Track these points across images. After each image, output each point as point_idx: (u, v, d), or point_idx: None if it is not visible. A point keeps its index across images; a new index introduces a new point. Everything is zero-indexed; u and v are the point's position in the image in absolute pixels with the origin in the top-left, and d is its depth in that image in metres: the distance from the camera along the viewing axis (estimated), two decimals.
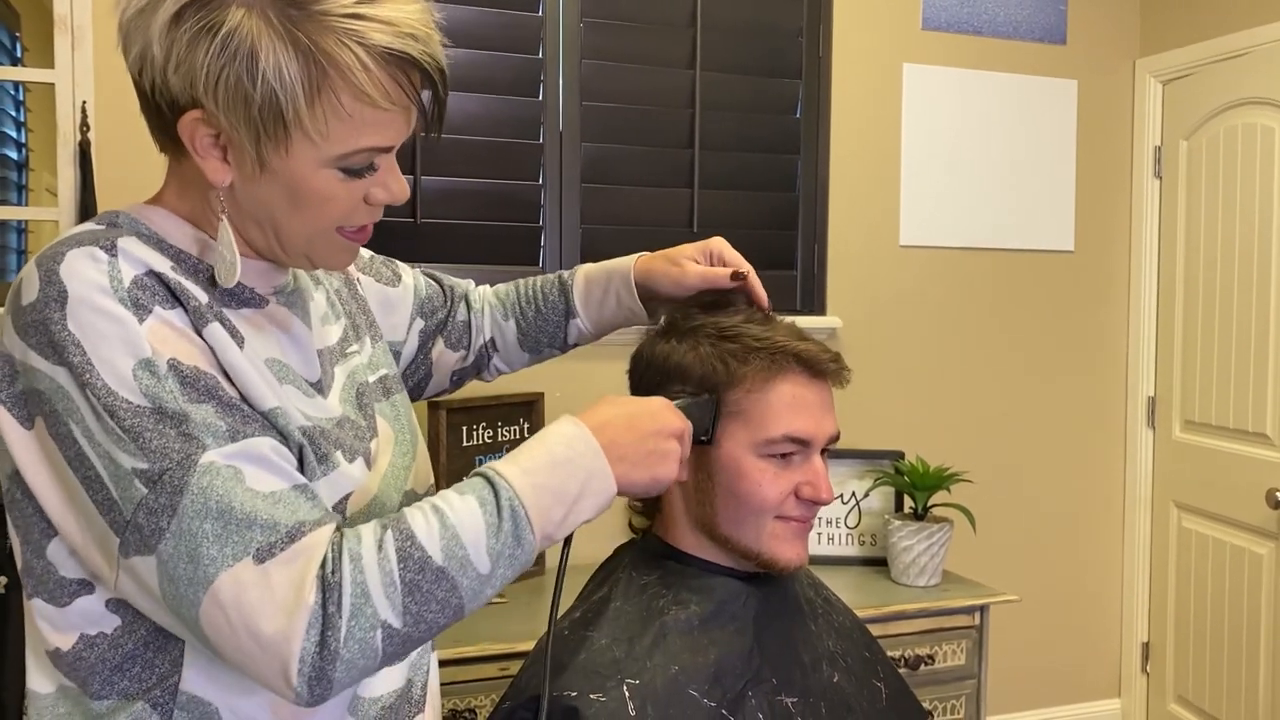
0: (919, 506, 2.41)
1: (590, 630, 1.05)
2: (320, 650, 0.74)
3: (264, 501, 0.75)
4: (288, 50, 0.76)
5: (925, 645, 2.28)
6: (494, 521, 0.80)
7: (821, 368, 1.06)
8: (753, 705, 1.02)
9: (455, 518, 0.79)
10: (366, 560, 0.76)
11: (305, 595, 0.74)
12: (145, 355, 0.75)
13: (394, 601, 0.76)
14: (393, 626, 0.76)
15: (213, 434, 0.76)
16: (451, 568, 0.78)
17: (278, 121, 0.77)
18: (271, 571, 0.74)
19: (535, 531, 0.81)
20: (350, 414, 0.94)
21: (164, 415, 0.74)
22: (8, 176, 2.43)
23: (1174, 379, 3.00)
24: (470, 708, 1.95)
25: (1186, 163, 2.95)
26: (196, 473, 0.74)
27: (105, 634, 0.82)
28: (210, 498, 0.74)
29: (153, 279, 0.79)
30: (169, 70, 0.78)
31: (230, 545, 0.74)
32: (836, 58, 2.77)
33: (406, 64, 0.80)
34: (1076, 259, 3.05)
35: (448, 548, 0.78)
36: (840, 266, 2.80)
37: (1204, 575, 2.89)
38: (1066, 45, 3.00)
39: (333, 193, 0.82)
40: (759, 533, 1.06)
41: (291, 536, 0.75)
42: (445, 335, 1.22)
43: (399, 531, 0.78)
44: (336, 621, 0.74)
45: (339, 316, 1.02)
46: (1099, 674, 3.16)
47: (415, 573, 0.77)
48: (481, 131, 2.49)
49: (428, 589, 0.77)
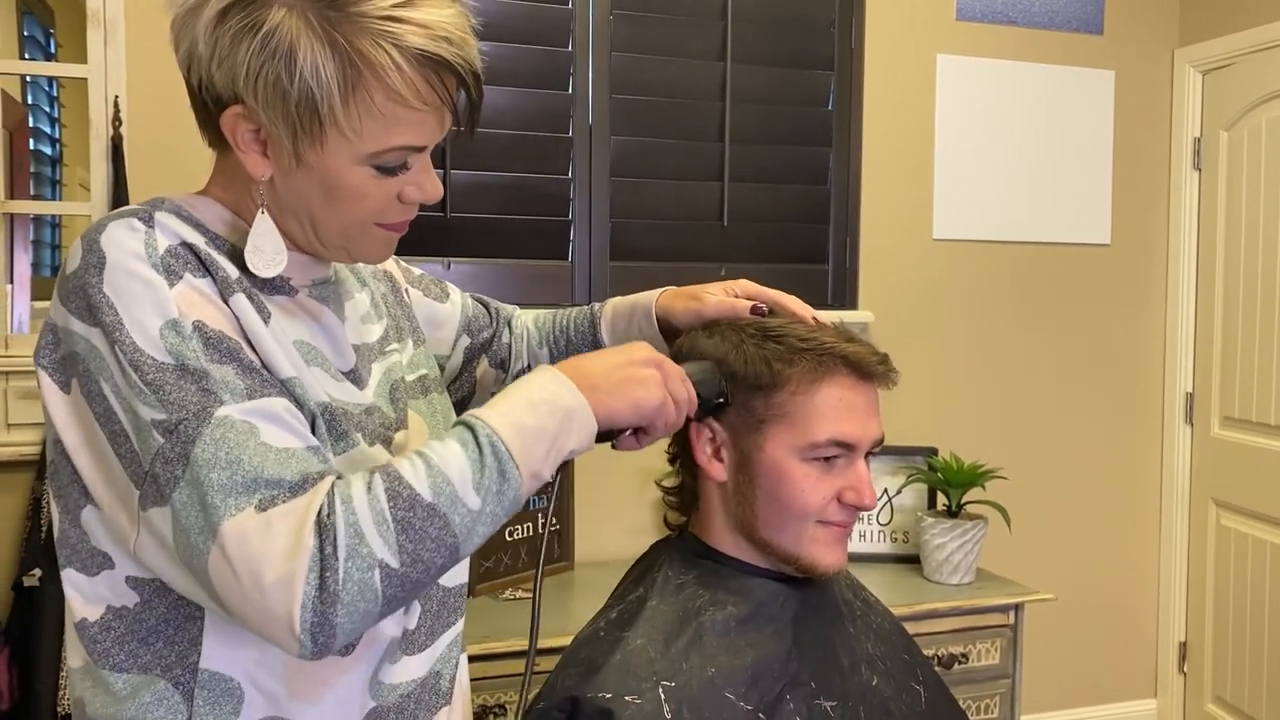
0: (952, 503, 2.38)
1: (626, 630, 1.04)
2: (320, 594, 0.75)
3: (274, 456, 0.78)
4: (325, 50, 0.79)
5: (959, 644, 2.26)
6: (476, 458, 0.81)
7: (869, 370, 1.03)
8: (790, 709, 1.00)
9: (439, 458, 0.81)
10: (357, 502, 0.77)
11: (305, 539, 0.75)
12: (172, 316, 0.79)
13: (388, 540, 0.77)
14: (390, 565, 0.77)
15: (231, 391, 0.78)
16: (441, 504, 0.79)
17: (313, 118, 0.80)
18: (274, 520, 0.76)
19: (519, 467, 0.83)
20: (382, 405, 0.96)
21: (185, 371, 0.77)
22: (42, 172, 2.44)
23: (1213, 374, 2.95)
24: (500, 703, 1.94)
25: (1227, 154, 2.90)
26: (211, 424, 0.77)
27: (128, 608, 0.85)
28: (221, 448, 0.76)
29: (186, 249, 0.82)
30: (213, 66, 0.81)
31: (235, 495, 0.76)
32: (869, 49, 2.74)
33: (440, 66, 0.82)
34: (1113, 252, 3.00)
35: (435, 485, 0.79)
36: (872, 260, 2.77)
37: (1243, 574, 2.84)
38: (1103, 35, 2.95)
39: (366, 190, 0.85)
40: (799, 537, 1.04)
41: (294, 490, 0.77)
42: (490, 355, 1.25)
43: (386, 474, 0.80)
44: (334, 563, 0.75)
45: (381, 317, 1.04)
46: (1135, 674, 3.12)
47: (406, 510, 0.78)
48: (511, 125, 2.48)
49: (420, 526, 0.78)
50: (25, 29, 2.37)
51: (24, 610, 2.02)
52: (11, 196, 2.16)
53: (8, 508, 2.12)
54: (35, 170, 2.40)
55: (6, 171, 2.15)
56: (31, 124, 2.40)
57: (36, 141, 2.41)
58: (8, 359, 2.10)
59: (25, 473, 2.10)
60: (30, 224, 2.33)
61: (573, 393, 0.87)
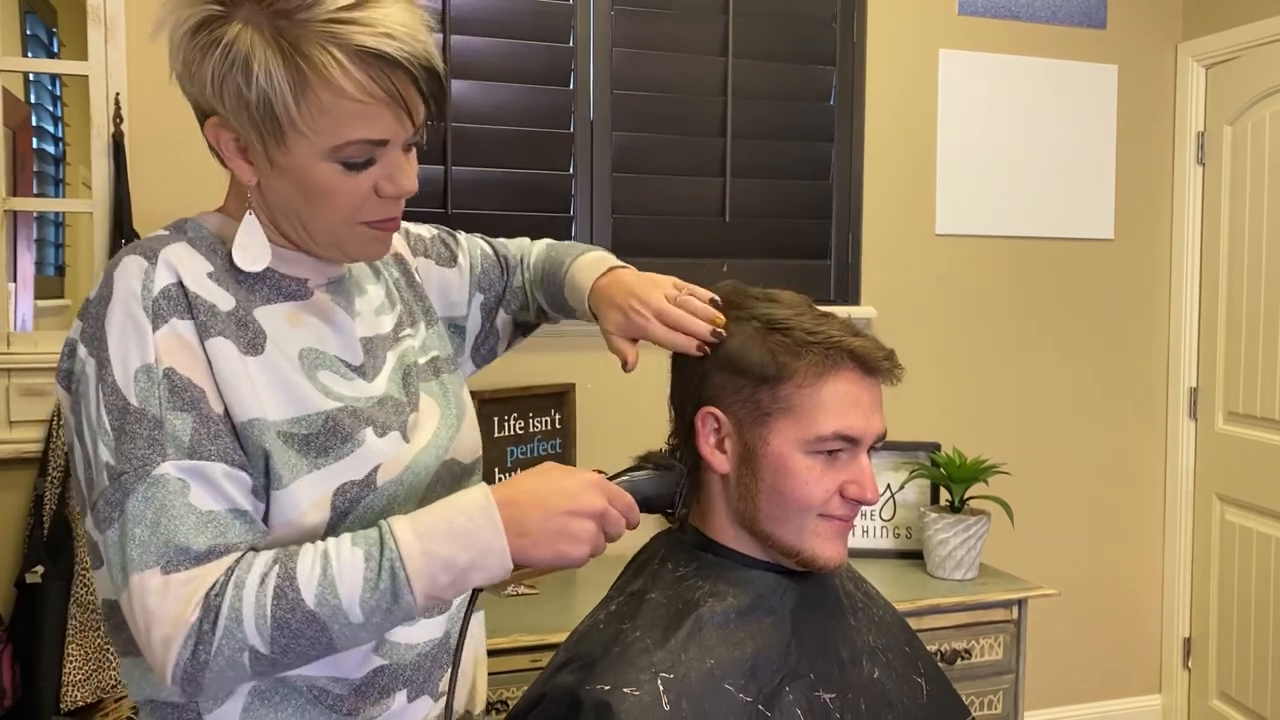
0: (955, 499, 2.38)
1: (625, 623, 1.04)
2: (193, 659, 0.83)
3: (195, 519, 0.85)
4: (275, 56, 0.86)
5: (962, 639, 2.25)
6: (373, 578, 0.85)
7: (875, 365, 1.03)
8: (790, 701, 1.00)
9: (337, 568, 0.85)
10: (247, 590, 0.84)
11: (188, 613, 0.83)
12: (149, 361, 0.87)
13: (263, 632, 0.83)
14: (260, 652, 0.84)
15: (175, 446, 0.86)
16: (323, 613, 0.84)
17: (272, 120, 0.87)
18: (172, 586, 0.83)
19: (415, 593, 0.86)
20: (394, 392, 1.01)
21: (143, 418, 0.86)
22: (45, 170, 2.44)
23: (1217, 370, 2.94)
24: (502, 699, 1.94)
25: (1230, 149, 2.89)
26: (147, 481, 0.85)
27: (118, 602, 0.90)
28: (150, 506, 0.84)
29: (178, 290, 0.89)
30: (188, 81, 0.90)
31: (149, 552, 0.84)
32: (871, 44, 2.73)
33: (383, 61, 0.87)
34: (1117, 247, 2.99)
35: (321, 595, 0.84)
36: (875, 256, 2.77)
37: (1247, 569, 2.84)
38: (1106, 29, 2.94)
39: (336, 185, 0.90)
40: (801, 530, 1.03)
41: (199, 560, 0.84)
42: (504, 304, 1.26)
43: (284, 570, 0.85)
44: (210, 638, 0.83)
45: (395, 305, 1.09)
46: (1139, 669, 3.11)
47: (287, 611, 0.83)
48: (512, 121, 2.48)
49: (296, 627, 0.84)
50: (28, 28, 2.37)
51: (26, 607, 2.02)
52: (14, 194, 2.16)
53: (10, 505, 2.12)
54: (38, 169, 2.40)
55: (9, 169, 2.16)
56: (35, 123, 2.40)
57: (40, 140, 2.41)
58: (10, 356, 2.10)
59: (27, 470, 2.10)
60: (33, 222, 2.33)
61: (497, 534, 0.88)
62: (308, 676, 0.94)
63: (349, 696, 0.96)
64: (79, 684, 1.97)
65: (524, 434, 2.34)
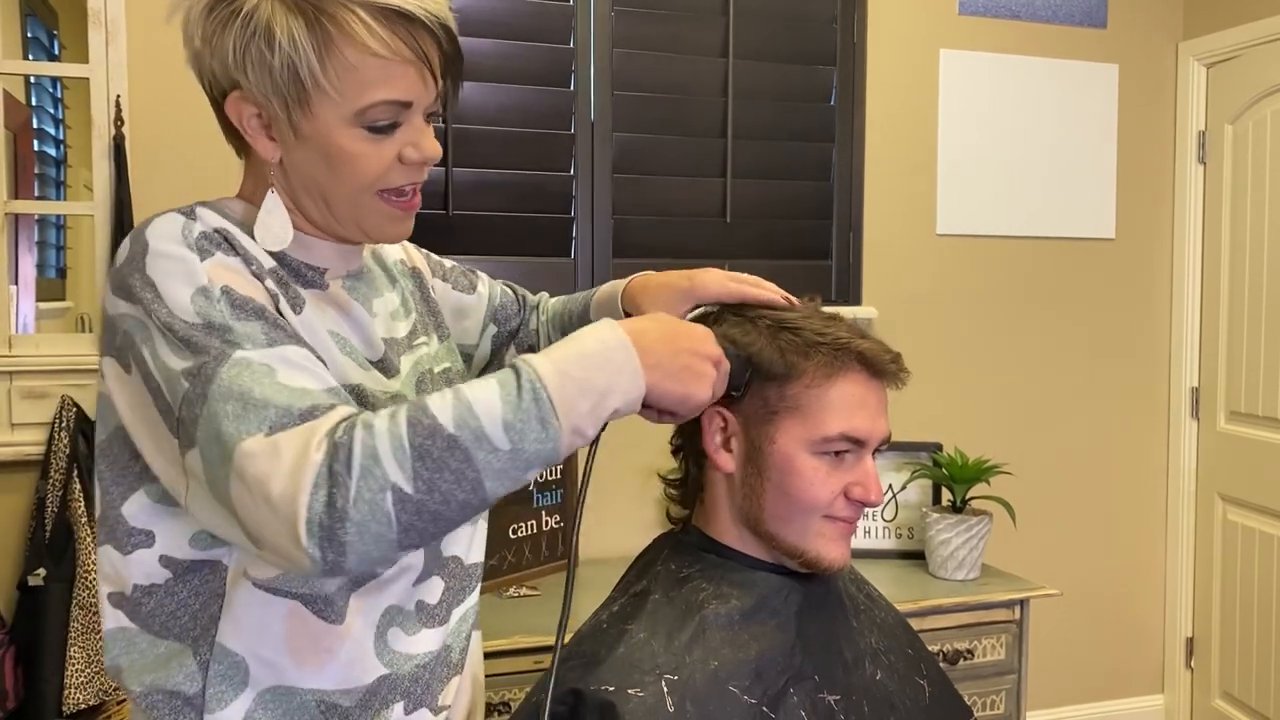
0: (957, 499, 2.38)
1: (629, 624, 1.04)
2: (328, 509, 0.75)
3: (288, 391, 0.80)
4: (297, 19, 0.86)
5: (964, 640, 2.25)
6: (512, 398, 0.80)
7: (882, 368, 1.04)
8: (794, 703, 1.00)
9: (471, 393, 0.80)
10: (378, 426, 0.78)
11: (310, 455, 0.76)
12: (202, 284, 0.84)
13: (403, 465, 0.77)
14: (403, 490, 0.76)
15: (252, 341, 0.82)
16: (464, 437, 0.78)
17: (297, 84, 0.87)
18: (280, 442, 0.77)
19: (560, 417, 0.81)
20: (409, 394, 1.00)
21: (212, 328, 0.82)
22: (46, 172, 2.45)
23: (1218, 369, 2.94)
24: (505, 700, 1.94)
25: (1231, 148, 2.89)
26: (228, 364, 0.81)
27: (158, 585, 0.91)
28: (235, 383, 0.80)
29: (219, 235, 0.89)
30: (209, 57, 0.89)
31: (245, 422, 0.78)
32: (871, 44, 2.73)
33: (405, 19, 0.88)
34: (1118, 247, 2.99)
35: (460, 417, 0.78)
36: (876, 256, 2.77)
37: (1250, 569, 2.83)
38: (1107, 29, 2.94)
39: (361, 150, 0.90)
40: (805, 531, 1.04)
41: (304, 417, 0.79)
42: (517, 343, 1.27)
43: (413, 403, 0.80)
44: (344, 480, 0.76)
45: (410, 313, 1.08)
46: (1142, 669, 3.11)
47: (425, 438, 0.77)
48: (512, 122, 2.48)
49: (439, 455, 0.77)
50: (29, 30, 2.37)
51: (28, 610, 2.03)
52: (16, 197, 2.17)
53: (12, 508, 2.12)
54: (39, 171, 2.41)
55: (11, 172, 2.16)
56: (36, 125, 2.41)
57: (41, 143, 2.42)
58: (11, 359, 2.10)
59: (29, 473, 2.10)
60: (35, 225, 2.33)
61: (630, 356, 0.85)
62: (320, 691, 0.93)
63: (354, 709, 0.95)
64: (81, 686, 1.97)
65: None
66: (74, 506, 2.04)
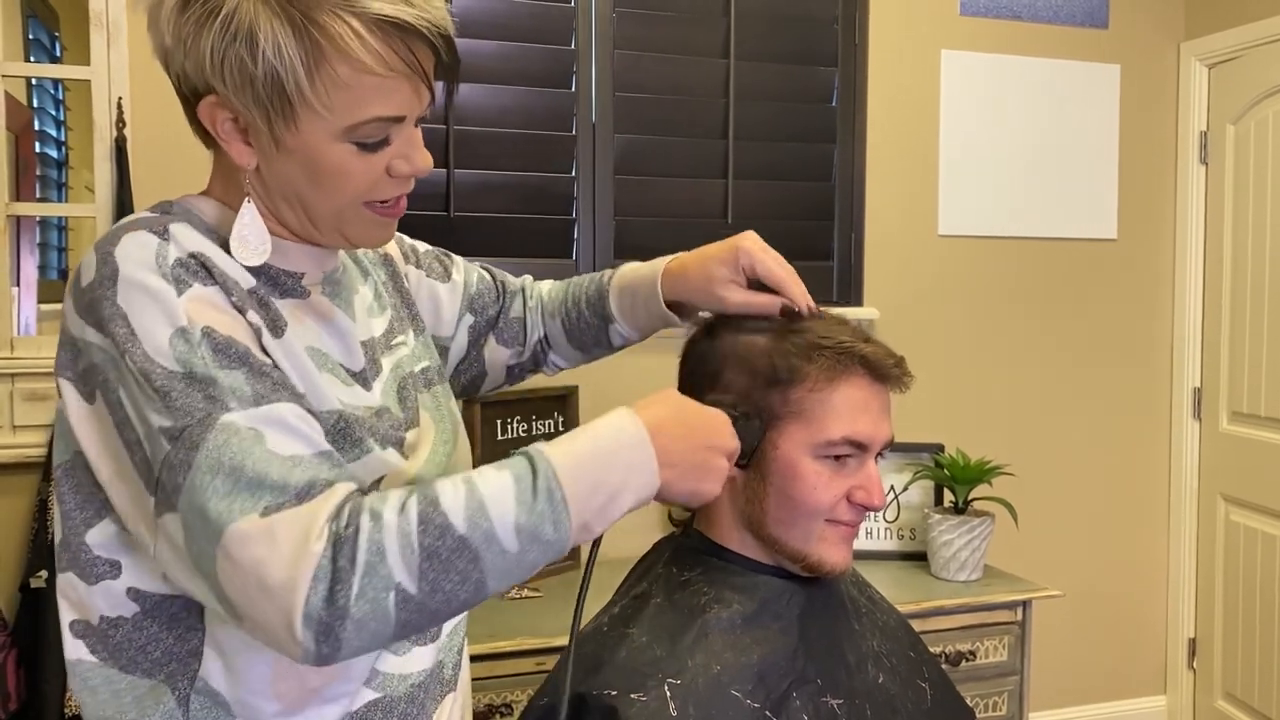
0: (959, 500, 2.38)
1: (630, 627, 1.04)
2: (328, 604, 0.73)
3: (280, 463, 0.76)
4: (284, 27, 0.78)
5: (966, 641, 2.25)
6: (527, 499, 0.78)
7: (885, 372, 1.04)
8: (797, 706, 1.00)
9: (485, 490, 0.78)
10: (387, 519, 0.75)
11: (311, 545, 0.73)
12: (181, 324, 0.78)
13: (410, 565, 0.75)
14: (407, 591, 0.75)
15: (238, 398, 0.77)
16: (474, 538, 0.76)
17: (282, 98, 0.79)
18: (276, 526, 0.74)
19: (572, 517, 0.79)
20: (390, 405, 0.95)
21: (193, 379, 0.77)
22: (48, 174, 2.45)
23: (1220, 369, 2.93)
24: (506, 702, 1.94)
25: (1234, 148, 2.88)
26: (214, 430, 0.75)
27: (125, 618, 0.85)
28: (224, 454, 0.75)
29: (195, 261, 0.81)
30: (181, 57, 0.81)
31: (238, 500, 0.74)
32: (873, 45, 2.73)
33: (402, 30, 0.80)
34: (1120, 247, 2.99)
35: (472, 518, 0.76)
36: (877, 257, 2.77)
37: (1252, 569, 2.83)
38: (1109, 29, 2.93)
39: (350, 167, 0.84)
40: (808, 535, 1.04)
41: (300, 497, 0.75)
42: (497, 332, 1.20)
43: (424, 496, 0.77)
44: (348, 577, 0.73)
45: (385, 308, 1.03)
46: (1144, 670, 3.11)
47: (435, 539, 0.75)
48: (514, 124, 2.48)
49: (447, 557, 0.75)
50: (30, 32, 2.37)
51: (31, 612, 2.03)
52: (17, 199, 2.17)
53: (14, 510, 2.12)
54: (41, 173, 2.40)
55: (12, 174, 2.16)
56: (37, 127, 2.41)
57: (42, 144, 2.41)
58: (13, 361, 2.10)
59: (31, 475, 2.10)
60: (36, 226, 2.33)
61: (648, 455, 0.83)
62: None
63: None
64: None
65: (527, 437, 2.34)
66: None
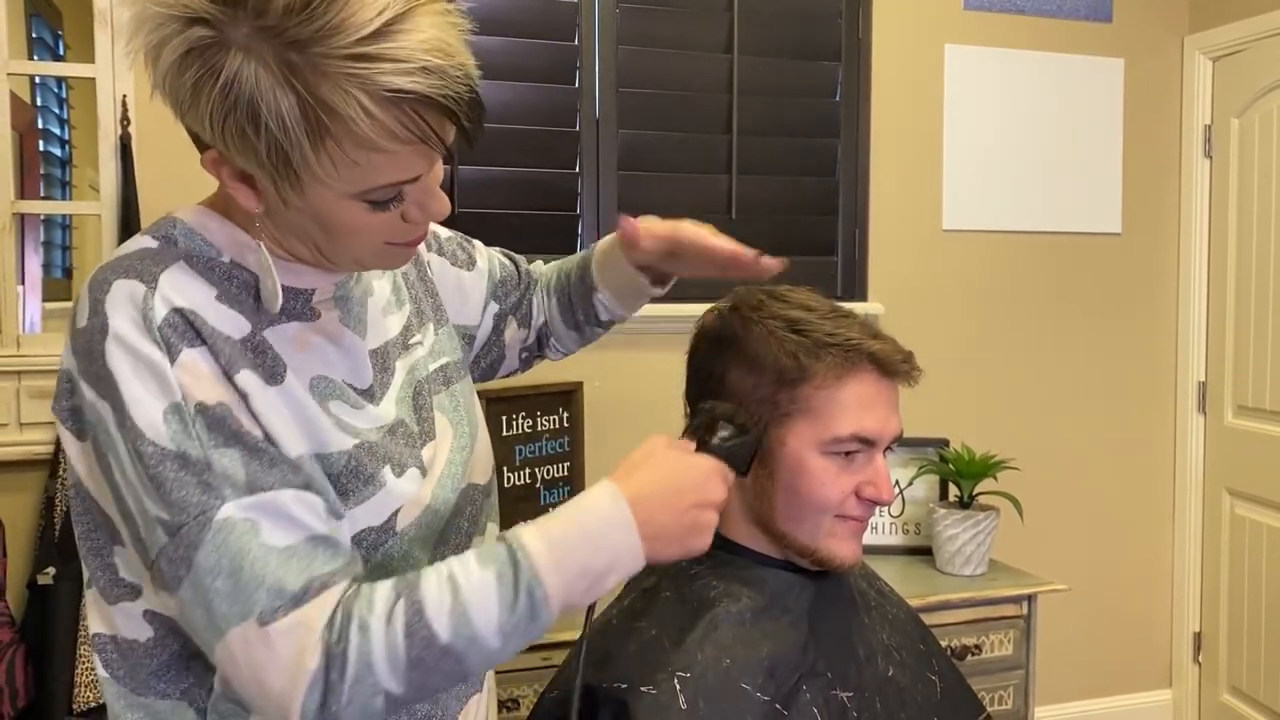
0: (964, 495, 2.38)
1: (639, 620, 1.04)
2: (321, 711, 0.77)
3: (276, 558, 0.78)
4: (288, 97, 0.72)
5: (972, 635, 2.25)
6: (509, 599, 0.80)
7: (894, 368, 1.04)
8: (807, 699, 1.00)
9: (468, 594, 0.79)
10: (374, 631, 0.78)
11: (306, 661, 0.77)
12: (175, 399, 0.77)
13: (397, 673, 0.78)
14: (394, 694, 0.79)
15: (232, 485, 0.78)
16: (458, 645, 0.79)
17: (287, 166, 0.75)
18: (273, 636, 0.77)
19: (552, 607, 0.81)
20: (405, 416, 0.94)
21: (187, 463, 0.77)
22: (51, 173, 2.45)
23: (1226, 363, 2.93)
24: (513, 697, 1.94)
25: (1238, 141, 2.88)
26: (211, 529, 0.77)
27: (139, 641, 0.86)
28: (224, 555, 0.77)
29: (182, 319, 0.79)
30: (181, 113, 0.78)
31: (239, 604, 0.77)
32: (876, 40, 2.73)
33: (417, 102, 0.74)
34: (1124, 241, 2.99)
35: (456, 627, 0.79)
36: (882, 252, 2.76)
37: (1258, 563, 2.83)
38: (1112, 23, 2.93)
39: (362, 222, 0.81)
40: (817, 531, 1.04)
41: (297, 600, 0.77)
42: (518, 316, 1.20)
43: (410, 604, 0.79)
44: (339, 687, 0.77)
45: (404, 303, 1.01)
46: (1150, 664, 3.11)
47: (421, 649, 0.78)
48: (517, 120, 2.48)
49: (432, 664, 0.79)
50: (33, 30, 2.37)
51: (39, 608, 2.03)
52: (22, 197, 2.17)
53: (21, 506, 2.13)
54: (45, 171, 2.41)
55: (17, 172, 2.16)
56: (41, 125, 2.41)
57: (46, 143, 2.42)
58: (20, 359, 2.10)
59: (38, 472, 2.11)
60: (40, 225, 2.33)
61: (631, 535, 0.83)
62: None
63: None
64: (91, 685, 1.98)
65: (532, 432, 2.34)
66: None
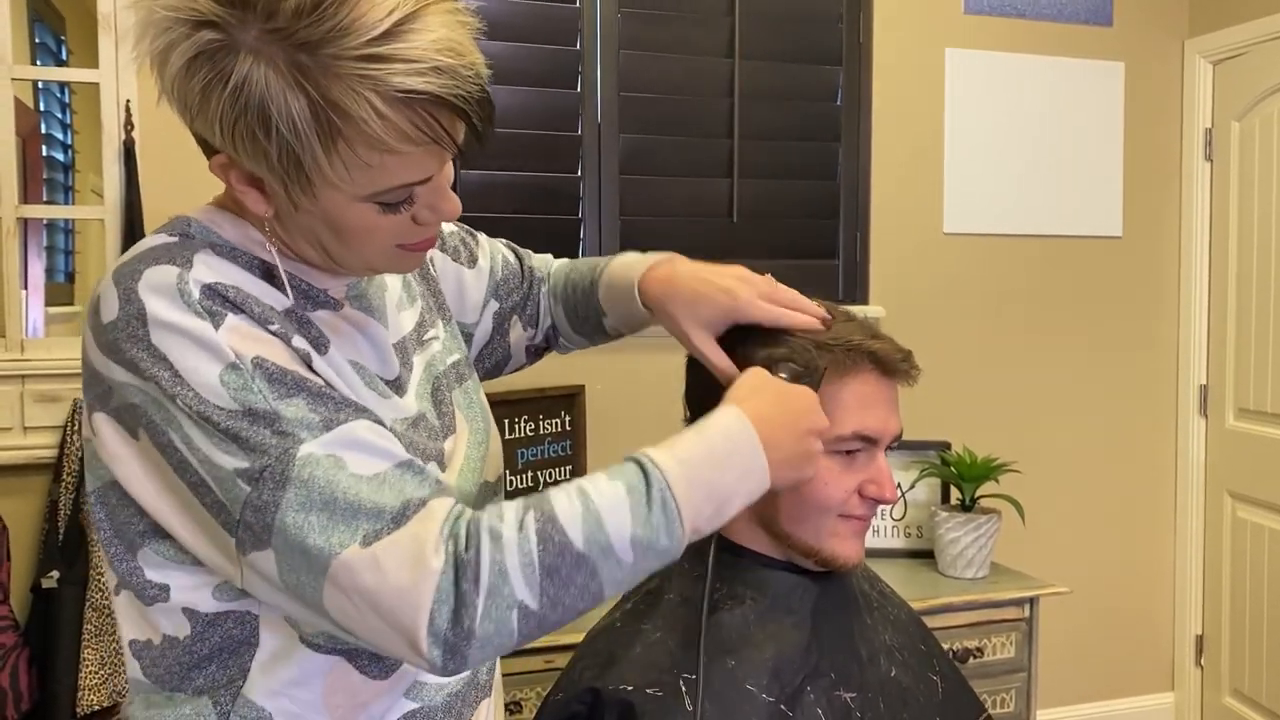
0: (966, 497, 2.38)
1: (643, 623, 1.04)
2: (454, 625, 0.74)
3: (368, 486, 0.75)
4: (299, 100, 0.72)
5: (974, 638, 2.25)
6: (642, 512, 0.78)
7: (894, 367, 1.04)
8: (811, 700, 1.00)
9: (600, 502, 0.77)
10: (507, 539, 0.76)
11: (429, 564, 0.74)
12: (229, 359, 0.76)
13: (531, 583, 0.75)
14: (529, 607, 0.76)
15: (307, 427, 0.76)
16: (592, 554, 0.76)
17: (298, 169, 0.75)
18: (380, 555, 0.74)
19: (685, 526, 0.79)
20: (426, 410, 0.94)
21: (255, 415, 0.75)
22: (54, 178, 2.45)
23: (1227, 366, 2.93)
24: (515, 700, 1.94)
25: (1239, 145, 2.88)
26: (296, 465, 0.75)
27: (178, 639, 0.84)
28: (313, 489, 0.74)
29: (218, 293, 0.79)
30: (189, 118, 0.77)
31: (337, 534, 0.74)
32: (877, 43, 2.73)
33: (429, 102, 0.74)
34: (1125, 245, 2.99)
35: (589, 533, 0.77)
36: (883, 255, 2.77)
37: (1259, 566, 2.83)
38: (1113, 27, 2.94)
39: (373, 224, 0.81)
40: (820, 530, 1.04)
41: (397, 520, 0.75)
42: (523, 315, 1.18)
43: (540, 512, 0.77)
44: (472, 599, 0.74)
45: (415, 298, 1.01)
46: (1152, 667, 3.11)
47: (555, 556, 0.76)
48: (520, 124, 2.49)
49: (567, 573, 0.76)
50: (36, 36, 2.38)
51: (42, 612, 2.03)
52: (25, 202, 2.17)
53: (25, 510, 2.13)
54: (48, 176, 2.41)
55: (20, 177, 2.16)
56: (44, 130, 2.41)
57: (49, 148, 2.42)
58: (23, 362, 2.11)
59: (42, 476, 2.11)
60: (44, 229, 2.34)
61: (758, 453, 0.83)
62: None
63: None
64: (95, 688, 1.98)
65: (535, 435, 2.34)
66: (87, 509, 2.04)
